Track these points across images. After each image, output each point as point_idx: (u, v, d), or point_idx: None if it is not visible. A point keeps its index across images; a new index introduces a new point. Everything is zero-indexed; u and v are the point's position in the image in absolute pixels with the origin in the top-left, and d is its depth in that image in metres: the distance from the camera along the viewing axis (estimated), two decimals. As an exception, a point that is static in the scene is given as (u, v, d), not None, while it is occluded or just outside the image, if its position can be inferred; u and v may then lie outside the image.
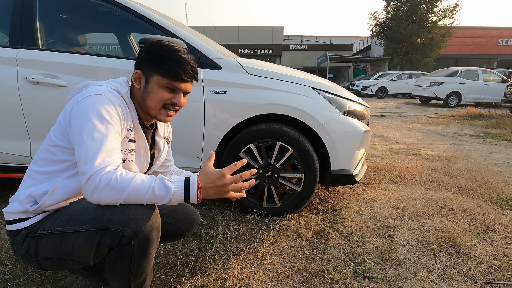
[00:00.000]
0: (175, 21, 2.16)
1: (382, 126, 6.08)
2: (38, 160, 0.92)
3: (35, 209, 0.89)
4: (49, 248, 0.88)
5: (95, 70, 1.77)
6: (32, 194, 0.89)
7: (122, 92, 0.93)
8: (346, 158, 1.82)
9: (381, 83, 16.01)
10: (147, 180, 0.83)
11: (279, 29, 27.62)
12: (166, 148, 1.18)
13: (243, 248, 1.57)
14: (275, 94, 1.76)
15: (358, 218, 1.94)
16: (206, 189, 0.86)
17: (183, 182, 0.85)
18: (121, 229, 0.81)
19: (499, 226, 1.82)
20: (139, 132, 0.99)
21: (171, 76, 0.92)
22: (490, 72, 10.97)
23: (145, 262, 0.88)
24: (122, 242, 0.82)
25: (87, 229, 0.84)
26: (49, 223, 0.89)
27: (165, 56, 0.92)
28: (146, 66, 0.93)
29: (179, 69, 0.91)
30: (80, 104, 0.85)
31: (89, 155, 0.79)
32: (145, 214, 0.84)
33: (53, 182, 0.89)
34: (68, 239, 0.86)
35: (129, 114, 0.94)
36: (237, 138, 1.80)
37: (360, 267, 1.41)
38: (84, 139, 0.81)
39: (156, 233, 0.87)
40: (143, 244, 0.84)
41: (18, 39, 1.79)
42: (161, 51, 0.93)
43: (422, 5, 20.69)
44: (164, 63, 0.91)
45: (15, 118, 1.78)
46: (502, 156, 3.65)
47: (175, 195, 0.83)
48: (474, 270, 1.40)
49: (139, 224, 0.82)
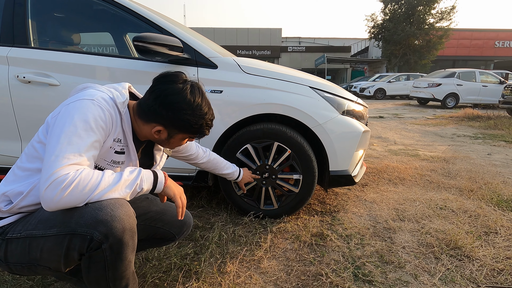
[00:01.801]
0: (171, 19, 2.13)
1: (380, 127, 6.06)
2: (23, 155, 0.89)
3: (9, 209, 0.85)
4: (18, 253, 0.83)
5: (88, 68, 1.73)
6: (7, 193, 0.85)
7: (118, 101, 0.91)
8: (344, 158, 1.79)
9: (379, 85, 16.03)
10: (117, 172, 0.86)
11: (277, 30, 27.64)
12: (163, 161, 1.16)
13: (239, 251, 1.52)
14: (273, 93, 1.73)
15: (357, 220, 1.90)
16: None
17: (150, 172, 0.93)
18: (89, 233, 0.77)
19: (500, 227, 1.79)
20: (129, 144, 0.96)
21: (199, 136, 1.01)
22: (487, 73, 11.01)
23: (121, 266, 0.83)
24: (92, 247, 0.78)
25: (55, 233, 0.79)
26: (20, 225, 0.84)
27: (200, 124, 0.96)
28: (170, 126, 0.95)
29: (206, 130, 1.00)
30: (69, 106, 0.83)
31: (59, 158, 0.75)
32: (115, 215, 0.78)
33: (30, 182, 0.85)
34: (36, 244, 0.81)
35: (119, 125, 0.91)
36: (234, 138, 1.76)
37: (360, 271, 1.37)
38: (61, 140, 0.77)
39: (130, 234, 0.82)
40: (115, 247, 0.79)
41: (9, 37, 1.75)
42: (195, 119, 0.94)
43: (420, 7, 20.77)
44: (193, 128, 0.96)
45: (6, 118, 1.73)
46: (501, 157, 3.63)
47: (145, 174, 0.89)
48: (476, 273, 1.37)
49: (108, 226, 0.77)
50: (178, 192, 0.97)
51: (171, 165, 1.73)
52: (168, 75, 0.94)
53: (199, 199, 2.18)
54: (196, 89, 0.94)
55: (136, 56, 2.13)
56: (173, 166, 1.74)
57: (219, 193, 2.29)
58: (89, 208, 0.78)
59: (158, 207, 1.14)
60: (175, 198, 0.96)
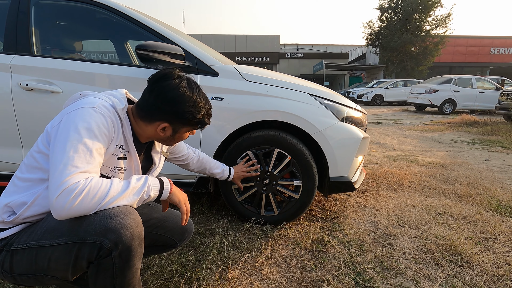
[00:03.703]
0: (172, 27, 2.16)
1: (378, 133, 6.10)
2: (23, 166, 0.89)
3: (12, 220, 0.85)
4: (24, 263, 0.83)
5: (90, 76, 1.74)
6: (9, 204, 0.85)
7: (118, 107, 0.92)
8: (344, 165, 1.80)
9: (376, 91, 16.16)
10: (124, 180, 0.88)
11: (275, 37, 27.91)
12: (161, 163, 1.17)
13: (240, 257, 1.53)
14: (273, 100, 1.75)
15: (358, 226, 1.91)
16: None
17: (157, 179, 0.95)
18: (99, 241, 0.77)
19: (499, 233, 1.80)
20: (131, 150, 0.97)
21: (201, 126, 1.03)
22: (483, 80, 11.14)
23: (129, 273, 0.83)
24: (102, 255, 0.78)
25: (63, 243, 0.79)
26: (25, 236, 0.84)
27: (203, 117, 1.00)
28: (175, 121, 0.98)
29: (207, 119, 1.03)
30: (71, 115, 0.83)
31: (67, 166, 0.76)
32: (124, 222, 0.79)
33: (33, 193, 0.86)
34: (43, 254, 0.81)
35: (120, 131, 0.92)
36: (235, 145, 1.77)
37: (361, 277, 1.38)
38: (67, 149, 0.78)
39: (138, 242, 0.82)
40: (124, 255, 0.79)
41: (12, 45, 1.77)
42: (199, 112, 0.98)
43: (416, 15, 21.07)
44: (196, 119, 0.99)
45: (8, 124, 1.74)
46: (498, 162, 3.66)
47: (151, 181, 0.91)
48: (476, 279, 1.38)
49: (118, 234, 0.77)
50: (183, 199, 0.99)
51: (171, 172, 1.74)
52: (163, 73, 0.95)
53: (200, 205, 2.18)
54: (192, 82, 0.98)
55: (137, 63, 2.15)
56: (174, 172, 1.75)
57: (219, 200, 2.30)
58: (98, 216, 0.78)
59: (160, 214, 1.15)
60: (180, 204, 0.97)
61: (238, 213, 1.89)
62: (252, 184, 1.82)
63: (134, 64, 1.99)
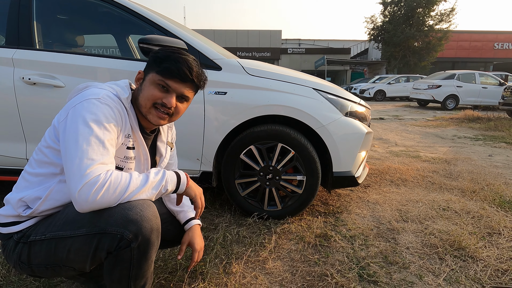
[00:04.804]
0: (175, 21, 2.14)
1: (381, 129, 6.07)
2: (33, 161, 0.89)
3: (29, 214, 0.86)
4: (43, 255, 0.84)
5: (92, 70, 1.74)
6: (23, 199, 0.86)
7: (122, 97, 0.91)
8: (348, 160, 1.80)
9: (379, 86, 16.06)
10: (142, 174, 0.87)
11: (277, 32, 27.70)
12: (168, 154, 1.15)
13: (244, 252, 1.53)
14: (276, 95, 1.74)
15: (361, 221, 1.91)
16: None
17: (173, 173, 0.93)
18: (120, 232, 0.78)
19: (503, 228, 1.79)
20: (138, 139, 0.96)
21: (164, 73, 0.90)
22: (487, 75, 11.04)
23: (145, 265, 0.84)
24: (121, 245, 0.79)
25: (84, 233, 0.80)
26: (42, 228, 0.85)
27: (164, 55, 0.91)
28: (147, 66, 0.95)
29: (173, 67, 0.89)
30: (77, 108, 0.82)
31: (84, 160, 0.75)
32: (144, 215, 0.80)
33: (46, 187, 0.86)
34: (63, 245, 0.82)
35: (127, 121, 0.91)
36: (238, 139, 1.77)
37: (365, 271, 1.38)
38: (80, 143, 0.77)
39: (156, 235, 0.83)
40: (143, 246, 0.81)
41: (14, 39, 1.76)
42: (163, 51, 0.92)
43: (419, 9, 20.85)
44: (161, 61, 0.91)
45: (11, 119, 1.74)
46: (502, 158, 3.64)
47: (169, 175, 0.90)
48: (480, 273, 1.37)
49: (138, 226, 0.78)
50: (198, 193, 0.99)
51: (175, 166, 1.73)
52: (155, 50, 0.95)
53: (203, 200, 2.18)
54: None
55: (140, 57, 2.14)
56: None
57: (222, 194, 2.30)
58: (118, 207, 0.79)
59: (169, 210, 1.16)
60: (195, 198, 0.97)
61: (241, 207, 1.89)
62: (256, 179, 1.81)
63: (136, 58, 1.98)
